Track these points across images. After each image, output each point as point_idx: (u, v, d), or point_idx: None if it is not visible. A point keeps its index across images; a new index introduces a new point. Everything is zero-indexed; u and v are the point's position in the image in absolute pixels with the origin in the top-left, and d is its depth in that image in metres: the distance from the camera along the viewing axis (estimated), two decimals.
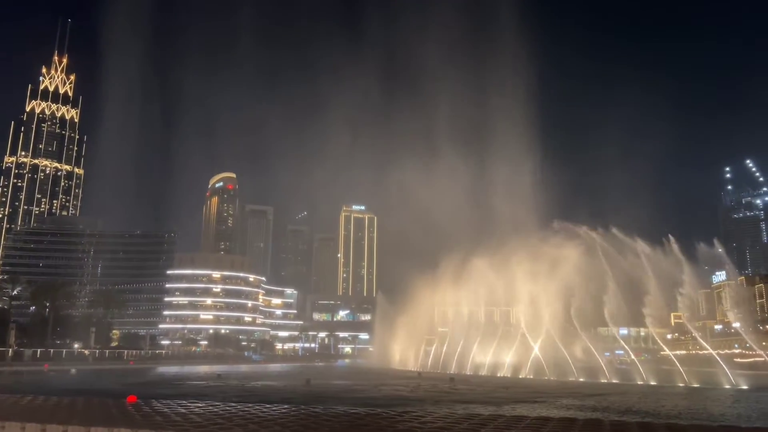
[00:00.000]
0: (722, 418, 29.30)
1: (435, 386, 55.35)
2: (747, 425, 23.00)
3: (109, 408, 25.61)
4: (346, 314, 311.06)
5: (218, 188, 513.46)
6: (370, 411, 28.26)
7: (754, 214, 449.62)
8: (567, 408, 33.52)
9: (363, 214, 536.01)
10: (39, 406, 26.70)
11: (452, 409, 29.10)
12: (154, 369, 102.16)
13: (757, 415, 32.11)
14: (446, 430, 19.55)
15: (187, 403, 30.20)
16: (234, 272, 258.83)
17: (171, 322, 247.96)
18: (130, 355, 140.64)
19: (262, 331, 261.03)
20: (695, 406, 36.90)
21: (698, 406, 37.61)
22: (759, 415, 32.11)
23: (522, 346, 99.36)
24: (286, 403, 32.94)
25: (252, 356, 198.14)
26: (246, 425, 20.61)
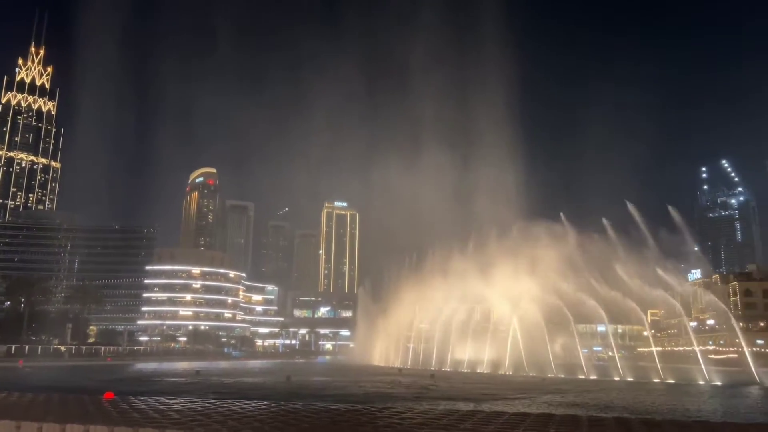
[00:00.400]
0: (698, 413, 29.82)
1: (415, 382, 55.54)
2: (721, 420, 23.43)
3: (86, 405, 25.26)
4: (327, 311, 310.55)
5: (198, 183, 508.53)
6: (350, 407, 28.26)
7: (728, 213, 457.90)
8: (545, 404, 33.86)
9: (345, 211, 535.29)
10: (13, 402, 26.24)
11: (432, 406, 29.21)
12: (132, 365, 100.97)
13: (731, 410, 32.76)
14: (426, 425, 19.64)
15: (165, 400, 29.90)
16: (214, 268, 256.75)
17: (149, 318, 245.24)
18: (108, 351, 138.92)
19: (242, 327, 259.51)
20: (671, 402, 37.52)
21: (674, 401, 38.24)
22: (733, 410, 32.77)
23: (502, 342, 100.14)
24: (265, 400, 32.80)
25: (232, 353, 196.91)
26: (225, 422, 20.46)
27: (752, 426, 21.00)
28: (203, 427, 18.90)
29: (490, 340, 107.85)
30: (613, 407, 32.17)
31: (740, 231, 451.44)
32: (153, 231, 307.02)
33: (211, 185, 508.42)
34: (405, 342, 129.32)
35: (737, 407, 35.19)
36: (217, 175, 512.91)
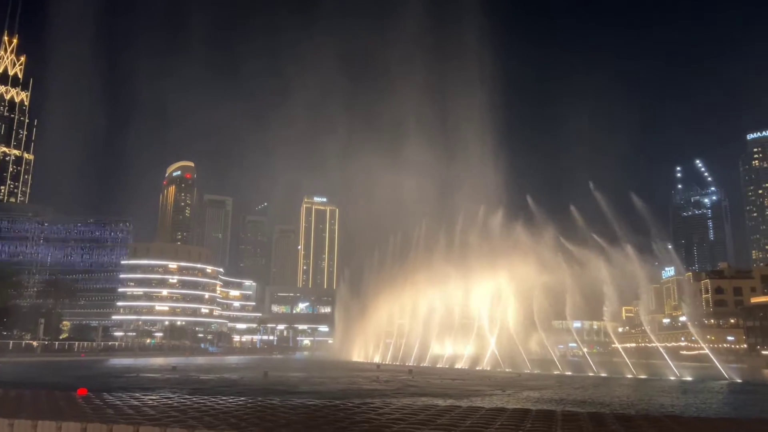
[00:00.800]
0: (671, 408, 30.41)
1: (394, 378, 55.70)
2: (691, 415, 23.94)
3: (58, 401, 24.86)
4: (305, 307, 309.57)
5: (176, 177, 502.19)
6: (328, 403, 28.23)
7: (701, 212, 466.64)
8: (522, 399, 34.23)
9: (325, 206, 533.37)
10: None
11: (410, 401, 29.33)
12: (106, 361, 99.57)
13: (704, 405, 33.46)
14: (403, 421, 19.72)
15: (140, 396, 29.57)
16: (191, 263, 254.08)
17: (125, 313, 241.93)
18: (82, 347, 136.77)
19: (219, 323, 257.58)
20: (644, 397, 38.19)
21: (646, 396, 38.93)
22: (706, 405, 33.47)
23: (479, 339, 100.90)
24: (242, 396, 32.61)
25: (209, 348, 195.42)
26: (201, 417, 20.32)
27: (720, 420, 21.50)
28: (179, 423, 18.74)
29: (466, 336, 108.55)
30: (586, 402, 32.65)
31: (713, 230, 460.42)
32: (129, 225, 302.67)
33: (189, 179, 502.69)
34: (383, 338, 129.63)
35: (707, 402, 35.97)
36: (194, 168, 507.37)
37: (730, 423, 20.55)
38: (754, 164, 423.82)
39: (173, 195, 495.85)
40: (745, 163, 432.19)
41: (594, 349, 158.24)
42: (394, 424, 18.91)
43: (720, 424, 20.09)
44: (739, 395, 42.05)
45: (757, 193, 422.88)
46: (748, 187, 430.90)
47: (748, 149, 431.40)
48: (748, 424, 20.33)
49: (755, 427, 19.43)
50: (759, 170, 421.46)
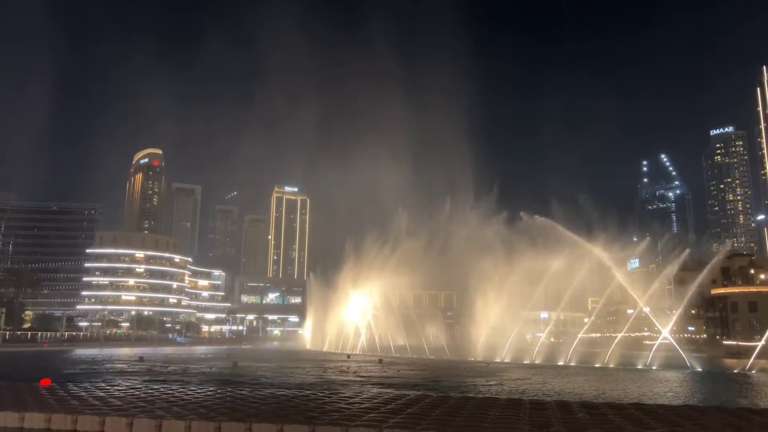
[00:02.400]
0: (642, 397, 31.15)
1: (364, 368, 55.83)
2: (654, 403, 24.56)
3: (21, 392, 24.26)
4: (275, 297, 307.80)
5: (143, 164, 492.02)
6: (298, 392, 28.16)
7: (666, 206, 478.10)
8: (490, 387, 34.66)
9: (296, 196, 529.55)
10: None
11: (381, 390, 29.43)
12: (71, 351, 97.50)
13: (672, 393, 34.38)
14: (373, 410, 19.79)
15: (106, 387, 29.06)
16: (159, 252, 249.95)
17: (90, 303, 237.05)
18: (45, 337, 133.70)
19: (187, 313, 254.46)
20: (615, 386, 39.03)
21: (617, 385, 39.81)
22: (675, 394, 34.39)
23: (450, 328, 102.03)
24: (212, 386, 32.29)
25: (177, 338, 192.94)
26: (169, 408, 20.07)
27: (683, 408, 22.14)
28: (146, 413, 18.48)
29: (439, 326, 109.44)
30: (555, 391, 33.22)
31: (676, 223, 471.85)
32: (94, 213, 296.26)
33: (156, 167, 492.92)
34: (354, 328, 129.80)
35: (672, 390, 36.95)
36: (162, 156, 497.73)
37: (691, 410, 21.16)
38: (716, 160, 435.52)
39: (140, 183, 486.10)
40: (708, 158, 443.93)
41: (560, 339, 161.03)
42: (365, 413, 18.96)
43: (681, 411, 20.68)
44: (700, 384, 43.35)
45: (718, 188, 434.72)
46: (710, 181, 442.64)
47: (711, 145, 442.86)
48: (708, 411, 20.97)
49: (714, 414, 20.06)
50: (721, 165, 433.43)
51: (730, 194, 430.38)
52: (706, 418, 18.54)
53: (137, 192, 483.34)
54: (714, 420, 18.07)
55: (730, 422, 17.55)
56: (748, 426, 16.94)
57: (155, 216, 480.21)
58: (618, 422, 17.29)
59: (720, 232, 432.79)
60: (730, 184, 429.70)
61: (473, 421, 17.29)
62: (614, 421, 17.46)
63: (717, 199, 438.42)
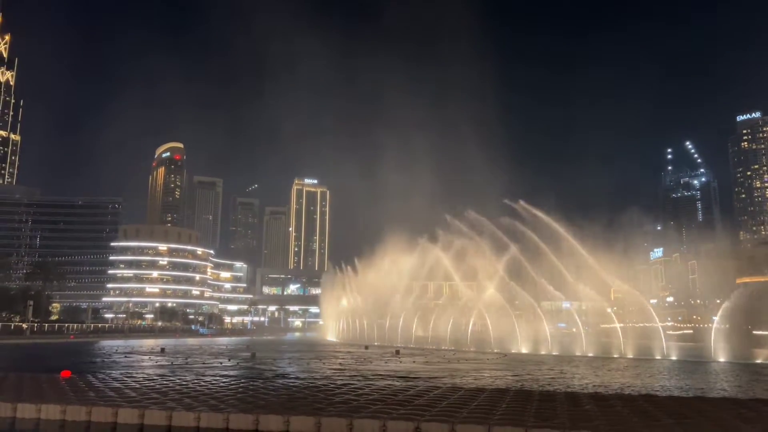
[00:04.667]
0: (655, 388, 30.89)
1: (379, 359, 56.14)
2: (666, 394, 24.35)
3: (41, 383, 24.93)
4: (296, 288, 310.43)
5: (165, 158, 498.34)
6: (310, 384, 28.47)
7: (691, 194, 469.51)
8: (503, 378, 34.65)
9: (315, 188, 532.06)
10: None
11: (390, 382, 29.61)
12: (96, 343, 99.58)
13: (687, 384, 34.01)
14: (381, 401, 19.95)
15: (124, 378, 29.71)
16: (181, 245, 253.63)
17: (115, 295, 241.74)
18: (71, 329, 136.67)
19: (210, 304, 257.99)
20: (627, 377, 38.74)
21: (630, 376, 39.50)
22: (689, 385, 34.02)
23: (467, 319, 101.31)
24: (226, 377, 32.79)
25: (199, 330, 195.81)
26: (181, 399, 20.48)
27: (694, 399, 21.90)
28: (158, 405, 18.88)
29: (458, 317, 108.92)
30: (566, 381, 33.08)
31: (701, 211, 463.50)
32: (118, 207, 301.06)
33: (178, 160, 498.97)
34: (372, 319, 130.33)
35: (688, 381, 36.54)
36: (183, 150, 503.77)
37: (702, 401, 20.94)
38: (743, 146, 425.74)
39: (163, 176, 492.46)
40: (735, 144, 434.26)
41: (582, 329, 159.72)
42: (371, 404, 19.12)
43: (692, 402, 20.47)
44: (719, 375, 42.77)
45: (745, 175, 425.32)
46: (737, 168, 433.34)
47: (738, 131, 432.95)
48: (719, 402, 20.73)
49: (725, 405, 19.82)
50: (748, 152, 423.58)
51: (758, 181, 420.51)
52: (715, 409, 18.34)
53: (159, 186, 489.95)
54: (723, 411, 17.87)
55: (739, 413, 17.35)
56: (757, 417, 16.73)
57: (177, 209, 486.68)
58: (624, 414, 17.21)
59: (747, 220, 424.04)
60: (757, 170, 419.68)
61: (480, 412, 17.34)
62: (621, 413, 17.38)
63: (744, 186, 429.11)
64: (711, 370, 46.50)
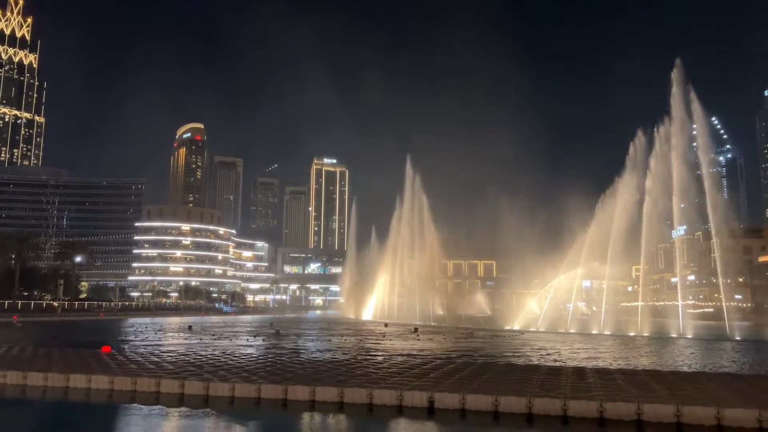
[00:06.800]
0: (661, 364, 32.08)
1: (399, 336, 57.94)
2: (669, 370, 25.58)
3: (86, 357, 27.02)
4: (317, 267, 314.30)
5: (186, 139, 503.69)
6: (332, 358, 30.26)
7: (716, 170, 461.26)
8: (515, 355, 36.08)
9: (335, 168, 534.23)
10: (16, 356, 27.97)
11: (408, 357, 31.24)
12: (125, 320, 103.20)
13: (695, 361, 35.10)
14: (398, 374, 21.56)
15: (159, 353, 31.78)
16: (204, 225, 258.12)
17: (140, 274, 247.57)
18: (100, 306, 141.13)
19: (232, 283, 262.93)
20: (638, 354, 39.92)
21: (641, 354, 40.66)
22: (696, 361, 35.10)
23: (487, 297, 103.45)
24: (255, 353, 34.73)
25: (223, 308, 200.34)
26: (216, 372, 22.32)
27: (695, 374, 23.09)
28: (195, 376, 20.70)
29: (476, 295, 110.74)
30: (578, 357, 34.40)
31: (727, 188, 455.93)
32: (141, 187, 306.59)
33: (199, 141, 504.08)
34: (393, 297, 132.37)
35: (697, 358, 37.58)
36: (204, 130, 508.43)
37: (701, 376, 22.15)
38: None
39: (184, 157, 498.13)
40: (762, 119, 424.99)
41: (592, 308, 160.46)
42: (390, 377, 20.73)
43: (691, 377, 21.70)
44: (732, 352, 43.68)
45: None
46: (764, 144, 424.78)
47: (766, 105, 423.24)
48: (717, 377, 21.92)
49: (722, 379, 21.02)
50: None
51: None
52: (711, 383, 19.55)
53: (181, 166, 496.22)
54: (717, 384, 19.07)
55: (733, 387, 18.53)
56: (750, 390, 17.90)
57: (199, 189, 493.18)
58: (624, 386, 18.54)
59: None
60: None
61: (489, 384, 18.79)
62: (621, 385, 18.71)
63: None
64: (725, 349, 47.36)
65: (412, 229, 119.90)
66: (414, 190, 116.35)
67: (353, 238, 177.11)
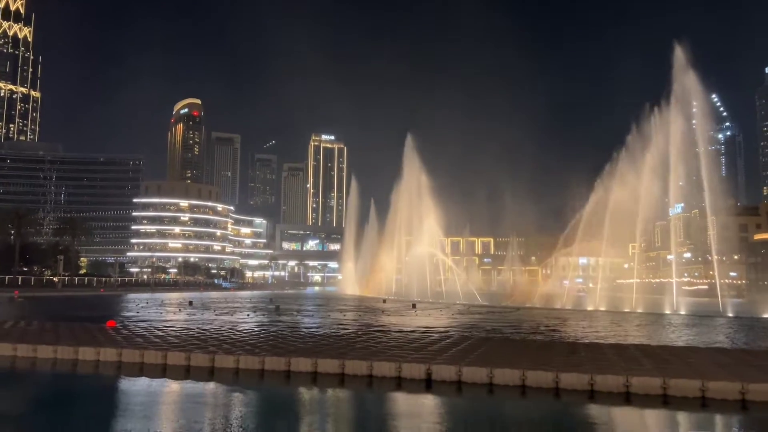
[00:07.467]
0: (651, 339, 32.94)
1: (397, 312, 58.87)
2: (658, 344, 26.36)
3: (92, 331, 27.71)
4: (315, 244, 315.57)
5: (183, 115, 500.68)
6: (333, 333, 31.03)
7: (715, 148, 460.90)
8: (510, 329, 36.92)
9: (333, 144, 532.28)
10: (23, 330, 28.66)
11: (406, 332, 32.00)
12: (125, 296, 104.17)
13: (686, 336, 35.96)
14: (397, 347, 22.29)
15: (163, 327, 32.51)
16: (202, 201, 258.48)
17: (139, 250, 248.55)
18: (100, 282, 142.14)
19: (231, 259, 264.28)
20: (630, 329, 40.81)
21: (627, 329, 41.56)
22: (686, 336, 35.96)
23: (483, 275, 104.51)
24: (257, 328, 35.49)
25: (222, 284, 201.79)
26: (220, 345, 23.02)
27: (683, 348, 23.85)
28: (201, 349, 21.39)
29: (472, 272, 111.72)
30: (569, 333, 35.23)
31: (725, 166, 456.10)
32: (139, 163, 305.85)
33: (196, 117, 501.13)
34: (391, 274, 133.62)
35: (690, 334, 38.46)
36: (201, 106, 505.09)
37: (689, 350, 22.91)
38: None
39: (181, 133, 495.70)
40: (762, 96, 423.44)
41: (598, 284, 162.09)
42: (389, 350, 21.45)
43: (679, 351, 22.46)
44: (724, 329, 44.58)
45: None
46: (763, 122, 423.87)
47: (766, 82, 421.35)
48: (704, 351, 22.68)
49: (709, 354, 21.77)
50: None
51: None
52: (699, 357, 20.28)
53: (178, 142, 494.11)
54: (703, 358, 19.81)
55: (718, 361, 19.27)
56: (735, 364, 18.63)
57: (196, 165, 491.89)
58: (615, 360, 19.26)
59: None
60: None
61: (486, 357, 19.49)
62: (611, 359, 19.43)
63: None
64: (717, 325, 48.30)
65: (411, 206, 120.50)
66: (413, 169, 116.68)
67: (352, 214, 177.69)
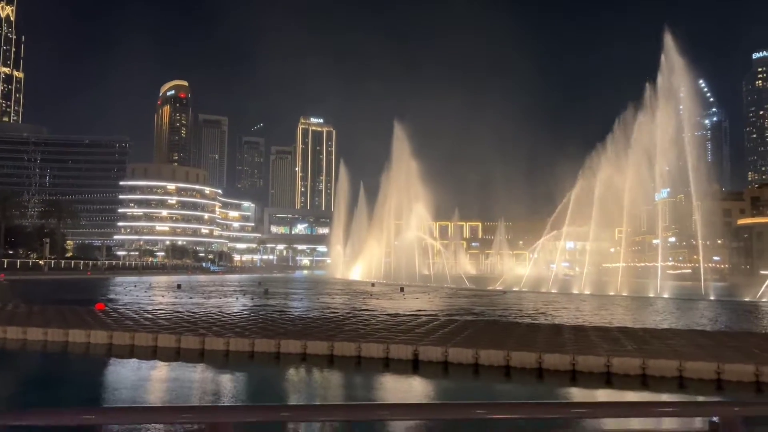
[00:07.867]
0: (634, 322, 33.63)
1: (385, 295, 59.35)
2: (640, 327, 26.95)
3: (81, 314, 27.82)
4: (304, 227, 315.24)
5: (170, 96, 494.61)
6: (321, 316, 31.36)
7: (701, 133, 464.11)
8: (496, 312, 37.49)
9: (321, 127, 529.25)
10: (12, 312, 28.70)
11: (394, 315, 32.42)
12: (112, 279, 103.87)
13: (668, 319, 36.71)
14: (385, 330, 22.65)
15: (153, 310, 32.67)
16: (189, 184, 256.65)
17: (126, 233, 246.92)
18: (87, 265, 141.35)
19: (219, 243, 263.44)
20: (612, 312, 41.55)
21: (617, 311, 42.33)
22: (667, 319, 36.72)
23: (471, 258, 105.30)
24: (246, 311, 35.75)
25: (210, 267, 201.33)
26: (210, 327, 23.25)
27: (664, 330, 24.45)
28: (191, 332, 21.61)
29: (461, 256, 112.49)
30: (555, 316, 35.85)
31: (711, 151, 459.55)
32: (126, 146, 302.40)
33: (183, 99, 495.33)
34: (379, 257, 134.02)
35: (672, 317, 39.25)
36: (188, 88, 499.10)
37: (670, 332, 23.49)
38: (757, 84, 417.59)
39: (168, 115, 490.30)
40: (749, 82, 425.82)
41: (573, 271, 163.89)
42: (377, 332, 21.81)
43: (660, 333, 23.04)
44: (704, 311, 45.50)
45: (758, 114, 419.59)
46: (749, 108, 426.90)
47: (753, 68, 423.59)
48: (685, 333, 23.27)
49: (689, 336, 22.36)
50: (762, 91, 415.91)
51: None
52: (678, 338, 20.84)
53: (165, 124, 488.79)
54: (684, 340, 20.37)
55: (698, 342, 19.83)
56: (712, 345, 19.20)
57: (183, 148, 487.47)
58: (597, 342, 19.75)
59: (756, 161, 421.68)
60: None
61: (470, 339, 19.90)
62: (594, 341, 19.93)
63: (755, 126, 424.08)
64: (698, 308, 49.24)
65: (400, 190, 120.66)
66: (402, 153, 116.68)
67: (341, 198, 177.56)
